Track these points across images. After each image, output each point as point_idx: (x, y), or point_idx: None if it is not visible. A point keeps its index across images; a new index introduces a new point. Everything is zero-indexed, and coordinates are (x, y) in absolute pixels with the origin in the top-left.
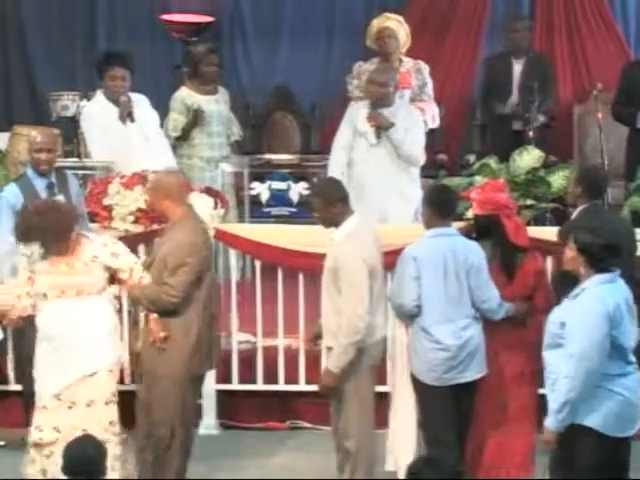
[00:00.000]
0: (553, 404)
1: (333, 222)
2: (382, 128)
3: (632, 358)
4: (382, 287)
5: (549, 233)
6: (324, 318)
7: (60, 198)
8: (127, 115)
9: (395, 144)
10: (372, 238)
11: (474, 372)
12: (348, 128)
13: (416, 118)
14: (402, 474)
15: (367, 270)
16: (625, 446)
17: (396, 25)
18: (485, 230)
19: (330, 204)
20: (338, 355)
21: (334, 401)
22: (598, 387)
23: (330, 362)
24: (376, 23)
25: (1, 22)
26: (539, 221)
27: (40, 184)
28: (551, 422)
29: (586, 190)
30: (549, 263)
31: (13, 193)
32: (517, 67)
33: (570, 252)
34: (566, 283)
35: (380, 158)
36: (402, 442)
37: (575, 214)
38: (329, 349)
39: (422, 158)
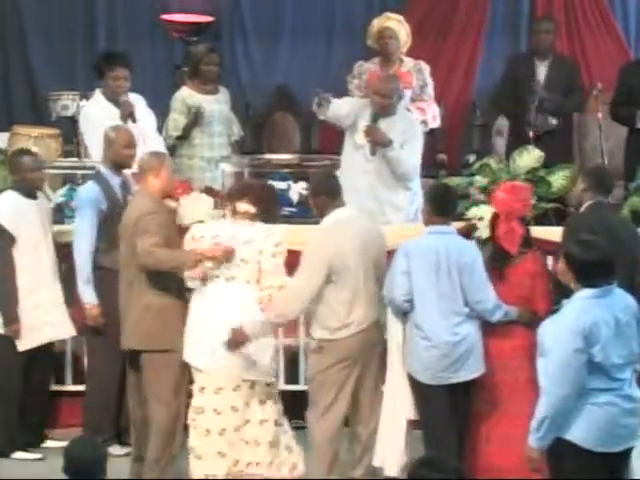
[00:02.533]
0: (533, 422)
1: (320, 213)
2: (379, 144)
3: (621, 374)
4: (364, 284)
5: (550, 233)
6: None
7: (130, 197)
8: (129, 115)
9: (390, 162)
10: (354, 233)
11: (469, 372)
12: (349, 108)
13: (415, 131)
14: (389, 471)
15: (318, 267)
16: (616, 462)
17: (397, 25)
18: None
19: (316, 195)
20: (261, 325)
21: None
22: (580, 401)
23: (250, 326)
24: (376, 23)
25: (1, 22)
26: (540, 221)
27: (115, 181)
28: (532, 440)
29: (592, 187)
30: (549, 262)
31: (94, 190)
32: (541, 69)
33: (561, 265)
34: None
35: (375, 169)
36: (390, 439)
37: (582, 210)
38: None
39: (416, 174)
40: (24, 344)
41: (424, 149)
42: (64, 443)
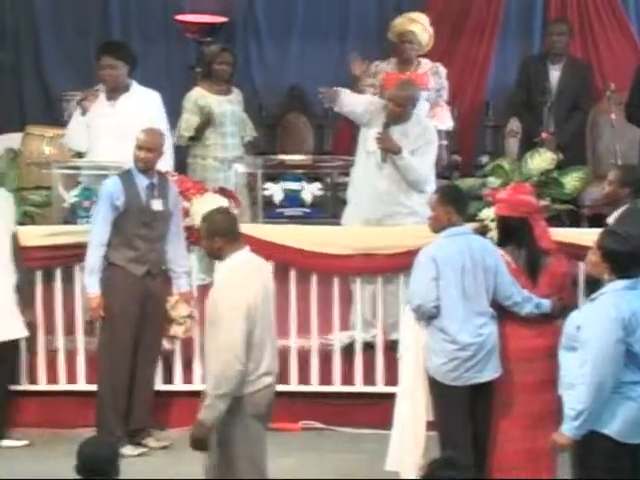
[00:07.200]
0: (569, 411)
1: (215, 255)
2: (389, 152)
3: None
4: (269, 329)
5: (564, 235)
6: (207, 362)
7: (158, 202)
8: (78, 104)
9: (400, 170)
10: (258, 277)
11: (491, 372)
12: (365, 106)
13: (429, 138)
14: (406, 474)
15: (244, 314)
16: (636, 451)
17: (419, 30)
18: (513, 232)
19: (212, 236)
20: (208, 407)
21: (212, 454)
22: (613, 394)
23: (201, 413)
24: (399, 23)
25: (14, 22)
26: (553, 223)
27: (141, 182)
28: (568, 429)
29: (635, 192)
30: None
31: (113, 184)
32: (554, 73)
33: (594, 257)
34: (591, 285)
35: (389, 173)
36: (408, 443)
37: (618, 214)
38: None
39: (427, 182)
40: None
41: (438, 150)
42: (18, 442)
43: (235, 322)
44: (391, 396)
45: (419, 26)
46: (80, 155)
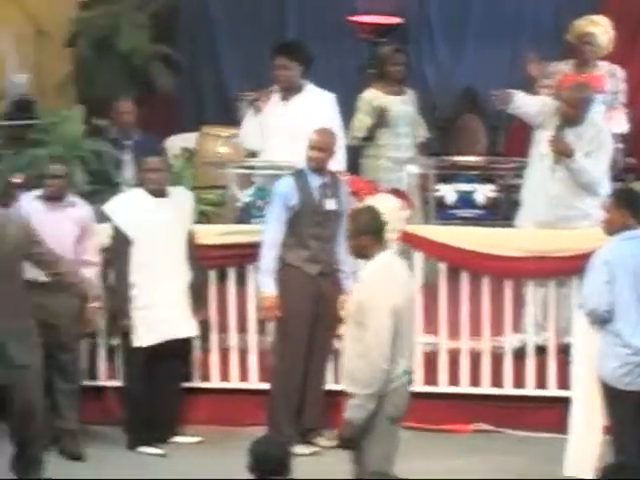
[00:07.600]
0: None
1: (361, 254)
2: (562, 155)
3: None
4: (410, 329)
5: None
6: (346, 361)
7: (331, 201)
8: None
9: (573, 173)
10: (403, 277)
11: None
12: (539, 107)
13: (602, 140)
14: (583, 475)
15: (391, 313)
16: None
17: (600, 32)
18: None
19: (360, 234)
20: (357, 407)
21: (354, 453)
22: None
23: (349, 412)
24: (580, 25)
25: (191, 24)
26: None
27: (314, 181)
28: None
29: None
30: None
31: (287, 184)
32: None
33: None
34: None
35: (562, 176)
36: (585, 448)
37: None
38: (351, 395)
39: (600, 184)
40: (139, 341)
41: (613, 153)
42: (192, 439)
43: (383, 321)
44: (563, 400)
45: (600, 28)
46: (254, 155)
